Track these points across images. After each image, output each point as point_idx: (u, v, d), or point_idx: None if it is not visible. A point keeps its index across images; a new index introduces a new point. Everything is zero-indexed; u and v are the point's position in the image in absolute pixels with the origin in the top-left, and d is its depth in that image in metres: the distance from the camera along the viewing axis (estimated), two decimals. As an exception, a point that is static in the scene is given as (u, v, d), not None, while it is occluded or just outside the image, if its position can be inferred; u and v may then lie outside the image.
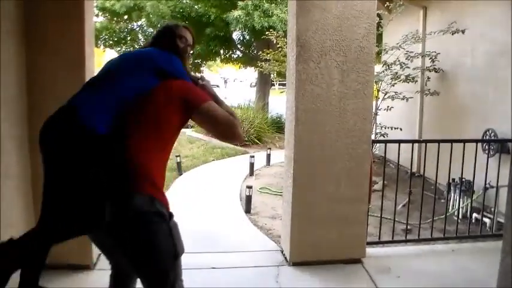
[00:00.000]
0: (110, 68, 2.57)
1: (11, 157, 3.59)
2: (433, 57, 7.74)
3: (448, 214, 5.62)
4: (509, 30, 5.69)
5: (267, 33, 10.94)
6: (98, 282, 3.75)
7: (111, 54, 18.09)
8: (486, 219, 5.72)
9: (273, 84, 28.09)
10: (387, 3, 8.49)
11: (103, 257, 4.31)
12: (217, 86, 42.89)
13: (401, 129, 7.90)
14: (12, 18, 3.63)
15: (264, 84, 17.96)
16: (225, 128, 2.48)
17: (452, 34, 7.04)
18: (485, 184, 5.35)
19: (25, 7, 3.79)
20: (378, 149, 8.29)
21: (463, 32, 6.90)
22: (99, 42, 16.93)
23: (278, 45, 10.59)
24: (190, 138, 12.79)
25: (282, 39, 10.12)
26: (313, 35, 4.15)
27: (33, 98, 3.88)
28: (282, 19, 13.83)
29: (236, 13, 14.20)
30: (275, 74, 13.32)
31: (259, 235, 5.56)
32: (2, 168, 3.43)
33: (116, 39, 17.52)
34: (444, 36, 7.29)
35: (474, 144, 5.11)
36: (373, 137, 7.16)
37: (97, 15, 16.39)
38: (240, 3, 14.29)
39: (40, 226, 2.41)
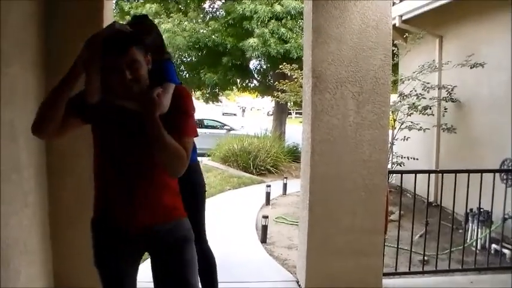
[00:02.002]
0: None
1: (29, 185, 3.63)
2: (450, 89, 7.73)
3: (466, 245, 5.55)
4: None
5: (280, 66, 10.99)
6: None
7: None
8: (506, 251, 5.65)
9: (290, 113, 28.16)
10: (406, 34, 8.54)
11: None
12: (235, 115, 43.10)
13: (417, 159, 7.86)
14: (33, 47, 3.72)
15: (280, 112, 18.01)
16: None
17: (471, 68, 7.03)
18: (504, 214, 5.30)
19: (46, 37, 3.88)
20: (395, 178, 8.26)
21: (482, 65, 6.89)
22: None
23: (294, 76, 10.64)
24: (207, 167, 12.80)
25: (297, 71, 10.17)
26: (329, 66, 4.19)
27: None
28: (299, 45, 13.91)
29: (252, 40, 14.33)
30: (292, 103, 13.34)
31: (274, 265, 5.53)
32: (21, 196, 3.47)
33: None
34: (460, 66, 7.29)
35: (492, 174, 5.08)
36: (389, 166, 7.13)
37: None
38: (256, 30, 14.42)
39: None
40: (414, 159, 7.79)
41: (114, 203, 2.42)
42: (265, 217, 6.67)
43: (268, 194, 9.12)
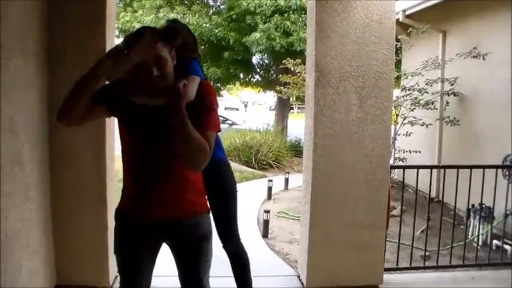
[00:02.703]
0: None
1: (31, 179, 3.63)
2: (452, 81, 7.70)
3: (467, 241, 5.56)
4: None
5: (284, 61, 10.98)
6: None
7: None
8: (507, 247, 5.65)
9: (292, 108, 28.13)
10: (410, 29, 8.52)
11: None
12: (237, 109, 43.05)
13: (419, 152, 7.85)
14: (35, 40, 3.71)
15: (283, 107, 18.01)
16: None
17: (475, 57, 7.01)
18: (506, 210, 5.29)
19: (48, 28, 3.89)
20: (397, 173, 8.27)
21: (483, 57, 6.87)
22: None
23: (297, 71, 10.62)
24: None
25: (300, 65, 10.16)
26: (332, 61, 4.17)
27: (53, 120, 3.93)
28: (301, 38, 13.90)
29: (257, 34, 14.33)
30: (294, 98, 13.34)
31: (276, 260, 5.54)
32: (23, 189, 3.47)
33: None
34: (463, 62, 7.28)
35: (494, 170, 5.07)
36: (391, 161, 7.12)
37: (118, 36, 16.57)
38: (260, 26, 14.41)
39: None
40: (416, 152, 7.77)
41: (136, 197, 2.49)
42: (267, 212, 6.67)
43: (270, 189, 9.12)
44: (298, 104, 26.63)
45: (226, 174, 3.47)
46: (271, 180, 9.37)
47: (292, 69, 10.79)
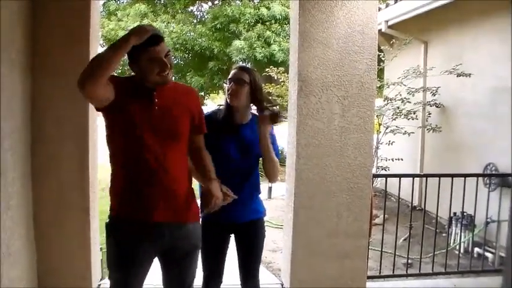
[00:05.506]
0: None
1: (13, 188, 3.60)
2: (434, 91, 7.77)
3: (449, 248, 5.60)
4: (509, 65, 5.71)
5: (267, 69, 10.99)
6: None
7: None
8: (488, 254, 5.70)
9: (275, 117, 28.13)
10: (393, 40, 8.59)
11: (104, 282, 4.34)
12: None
13: (402, 160, 7.89)
14: (19, 48, 3.70)
15: (266, 116, 18.01)
16: None
17: (458, 76, 7.08)
18: (487, 218, 5.34)
19: (32, 37, 3.88)
20: (379, 182, 8.31)
21: (468, 75, 6.92)
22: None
23: (281, 80, 10.62)
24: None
25: (283, 74, 10.17)
26: (315, 70, 4.20)
27: (37, 128, 3.92)
28: (283, 48, 13.94)
29: (238, 43, 14.36)
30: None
31: (259, 268, 5.52)
32: (4, 198, 3.45)
33: (119, 71, 17.49)
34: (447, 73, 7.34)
35: (475, 178, 5.12)
36: (374, 170, 7.16)
37: (102, 45, 16.49)
38: (243, 34, 14.46)
39: None
40: (399, 159, 7.81)
41: (136, 197, 2.51)
42: (251, 220, 6.65)
43: (253, 197, 9.08)
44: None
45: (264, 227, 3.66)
46: (254, 189, 9.32)
47: (275, 77, 10.80)
